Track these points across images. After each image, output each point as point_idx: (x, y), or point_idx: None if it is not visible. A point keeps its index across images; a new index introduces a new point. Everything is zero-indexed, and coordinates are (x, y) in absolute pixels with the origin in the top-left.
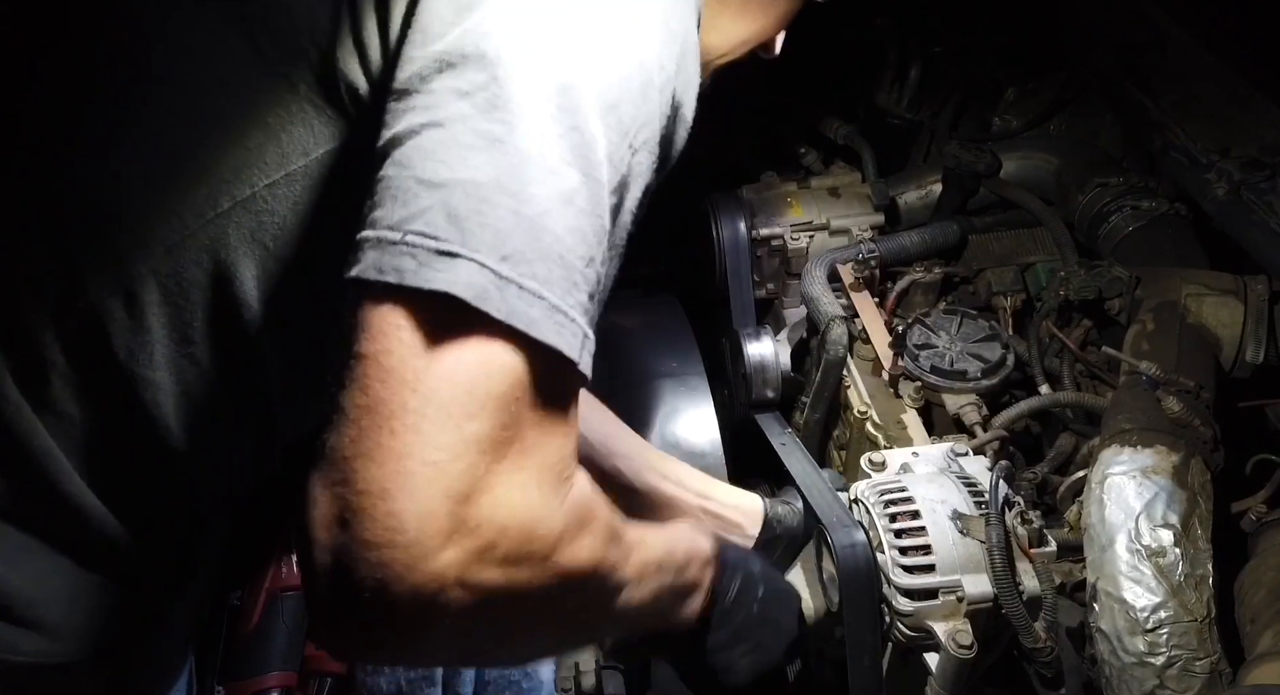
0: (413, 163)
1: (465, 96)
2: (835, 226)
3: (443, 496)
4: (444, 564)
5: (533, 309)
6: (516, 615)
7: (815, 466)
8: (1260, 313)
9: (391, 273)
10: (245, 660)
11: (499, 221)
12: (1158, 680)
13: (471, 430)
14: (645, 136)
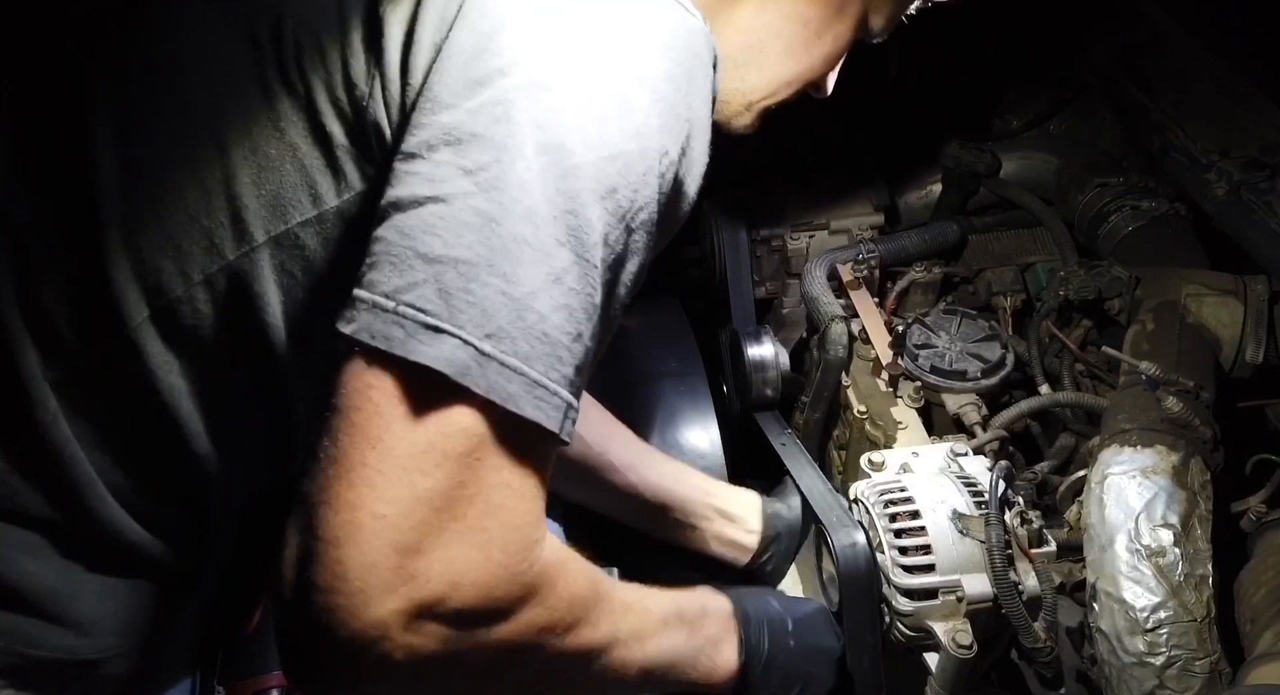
0: (412, 233)
1: (469, 175)
2: (835, 226)
3: (388, 549)
4: (385, 612)
5: (511, 384)
6: (487, 669)
7: (815, 467)
8: (1260, 313)
9: (381, 339)
10: (245, 660)
11: (486, 301)
12: (1157, 680)
13: (424, 488)
14: (643, 218)
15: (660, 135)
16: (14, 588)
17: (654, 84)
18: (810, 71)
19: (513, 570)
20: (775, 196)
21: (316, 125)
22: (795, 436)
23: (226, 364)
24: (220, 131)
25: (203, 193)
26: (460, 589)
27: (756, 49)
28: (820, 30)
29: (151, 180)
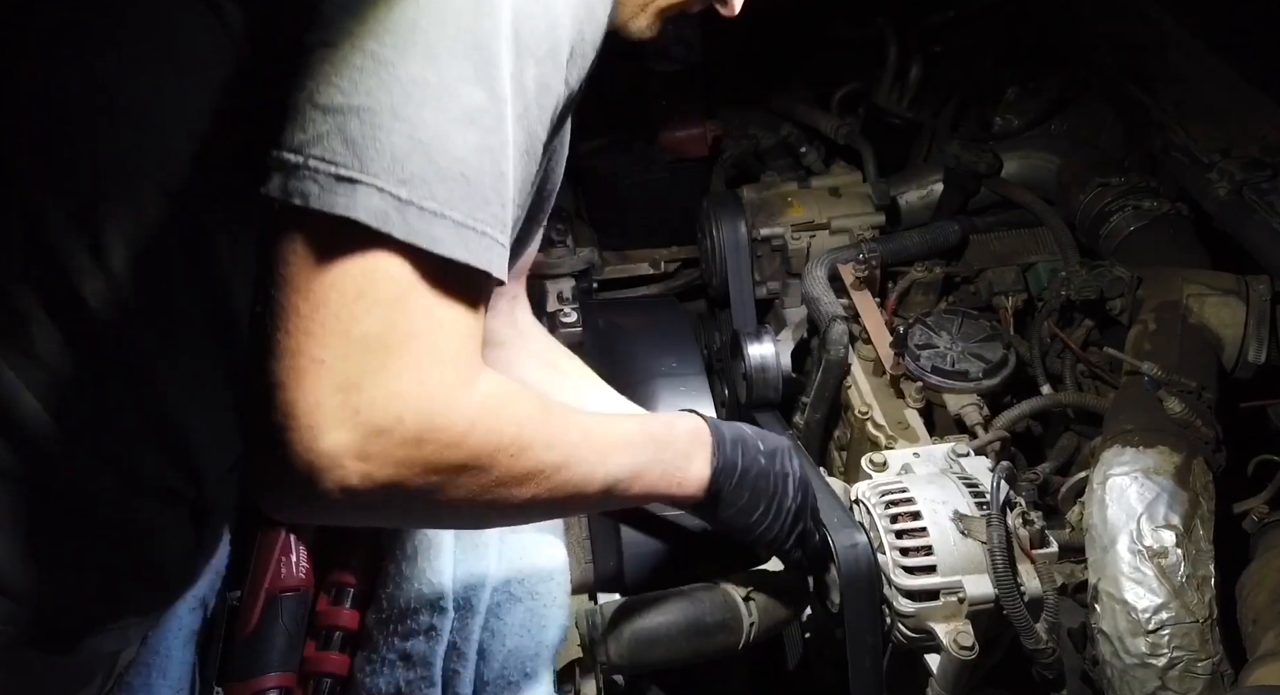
0: (306, 83)
1: (357, 17)
2: (836, 226)
3: (330, 388)
4: (334, 444)
5: (434, 228)
6: (441, 491)
7: (816, 468)
8: (1262, 313)
9: (298, 196)
10: (244, 661)
11: (395, 147)
12: (1160, 681)
13: (359, 331)
14: (552, 50)
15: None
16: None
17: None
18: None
19: (452, 401)
20: (775, 196)
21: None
22: (796, 437)
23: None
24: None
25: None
26: (403, 420)
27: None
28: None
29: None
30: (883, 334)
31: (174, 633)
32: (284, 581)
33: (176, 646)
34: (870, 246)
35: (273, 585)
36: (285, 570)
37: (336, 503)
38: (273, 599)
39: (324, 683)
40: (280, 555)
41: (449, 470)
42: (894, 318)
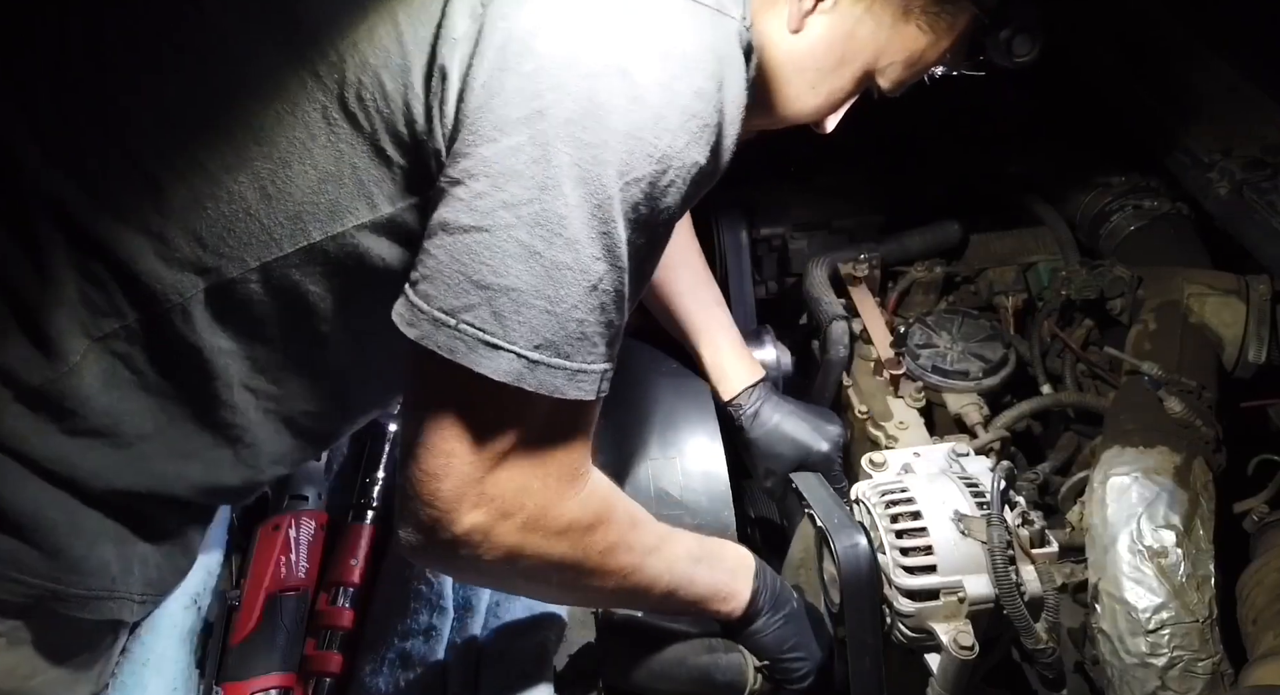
0: (463, 259)
1: (511, 209)
2: (836, 226)
3: (470, 481)
4: (471, 522)
5: (556, 379)
6: (551, 566)
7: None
8: (1262, 312)
9: (446, 350)
10: (244, 660)
11: (533, 320)
12: (1160, 681)
13: (496, 445)
14: (665, 217)
15: (688, 149)
16: (21, 511)
17: (683, 102)
18: (804, 115)
19: (565, 494)
20: (775, 196)
21: (378, 149)
22: None
23: (276, 339)
24: (282, 147)
25: (263, 197)
26: (525, 506)
27: (777, 85)
28: (815, 82)
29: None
30: (883, 334)
31: (167, 631)
32: (284, 581)
33: (171, 645)
34: (870, 246)
35: (273, 585)
36: (285, 570)
37: (465, 567)
38: (273, 599)
39: (323, 682)
40: (280, 555)
41: (551, 553)
42: (894, 317)
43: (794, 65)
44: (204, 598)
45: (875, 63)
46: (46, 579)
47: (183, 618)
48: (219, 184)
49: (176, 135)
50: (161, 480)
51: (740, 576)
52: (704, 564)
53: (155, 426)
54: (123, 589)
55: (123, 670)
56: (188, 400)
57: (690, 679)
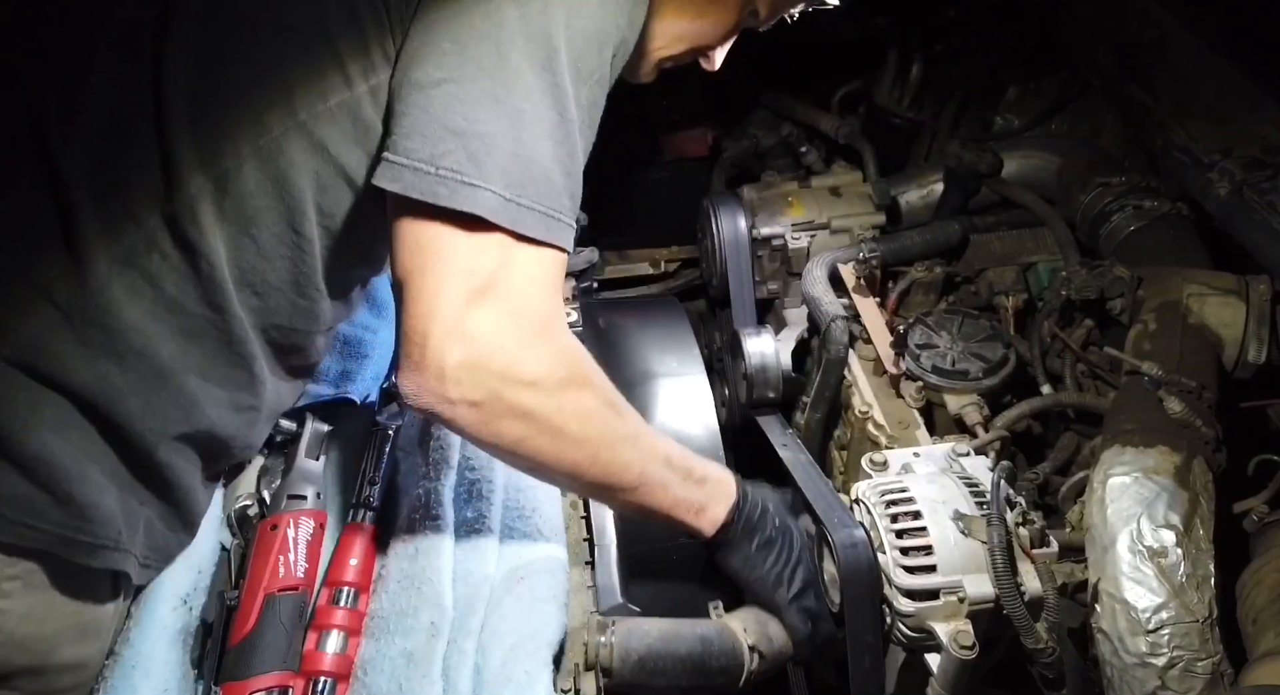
0: (436, 110)
1: (474, 62)
2: (836, 226)
3: (454, 319)
4: (456, 359)
5: (528, 217)
6: (524, 421)
7: (817, 467)
8: (1262, 313)
9: (430, 195)
10: (243, 661)
11: (504, 162)
12: (1159, 681)
13: (475, 283)
14: (599, 76)
15: (614, 15)
16: (33, 456)
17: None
18: (700, 38)
19: (539, 343)
20: (775, 196)
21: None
22: (796, 437)
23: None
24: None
25: (252, 79)
26: (504, 348)
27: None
28: (704, 8)
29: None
30: (883, 334)
31: (155, 632)
32: (282, 581)
33: (160, 647)
34: (870, 246)
35: (271, 585)
36: (284, 570)
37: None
38: (271, 598)
39: (323, 682)
40: (279, 555)
41: (527, 404)
42: (894, 317)
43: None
44: (194, 598)
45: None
46: (56, 525)
47: (171, 619)
48: (210, 72)
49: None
50: (181, 414)
51: (717, 496)
52: (680, 471)
53: (177, 348)
54: (126, 544)
55: (113, 674)
56: (197, 318)
57: (687, 671)
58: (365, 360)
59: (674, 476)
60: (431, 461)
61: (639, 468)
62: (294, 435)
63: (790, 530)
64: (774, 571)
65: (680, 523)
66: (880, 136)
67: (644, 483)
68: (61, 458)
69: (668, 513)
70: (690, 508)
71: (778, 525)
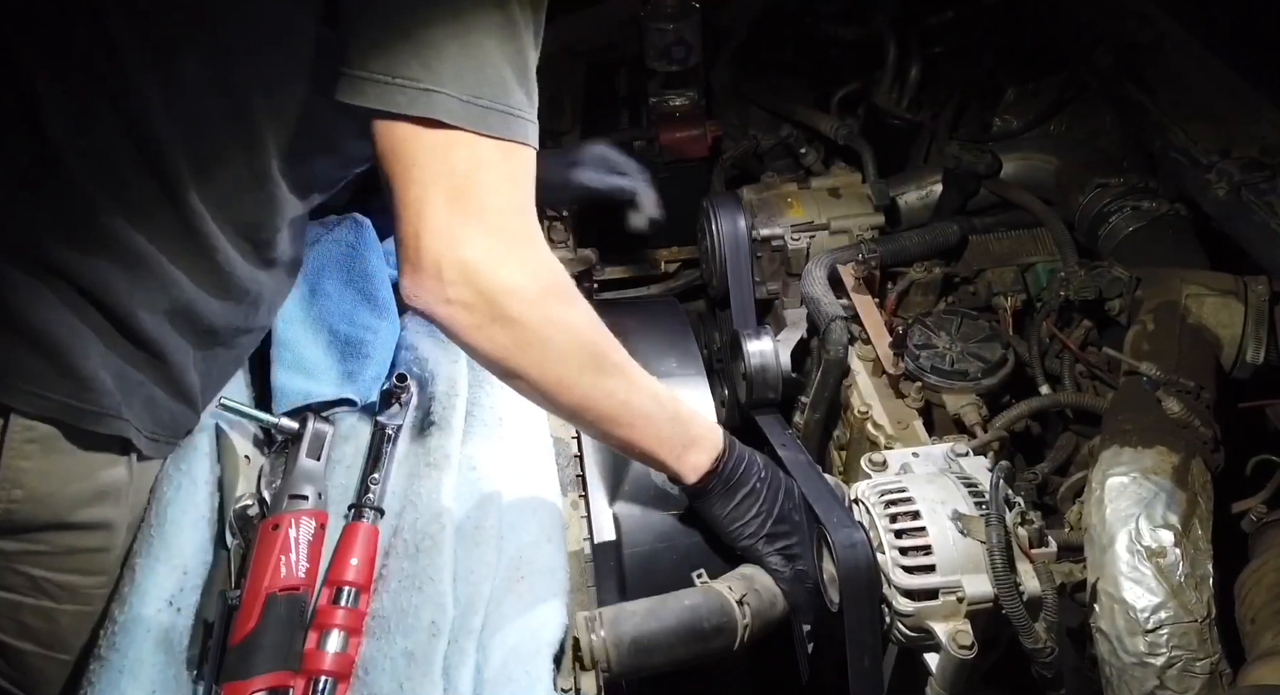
0: (386, 22)
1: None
2: (835, 227)
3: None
4: (451, 259)
5: (488, 116)
6: (510, 329)
7: (817, 468)
8: (1260, 313)
9: (391, 104)
10: (244, 660)
11: (458, 65)
12: (1158, 680)
13: (454, 182)
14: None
15: None
16: (37, 331)
17: None
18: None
19: (523, 248)
20: (775, 197)
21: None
22: (796, 437)
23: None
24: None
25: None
26: (491, 252)
27: None
28: None
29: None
30: (882, 334)
31: (141, 635)
32: (283, 580)
33: (146, 649)
34: (870, 247)
35: (272, 584)
36: (285, 569)
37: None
38: (272, 598)
39: (323, 682)
40: (280, 554)
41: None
42: (893, 318)
43: None
44: (180, 599)
45: None
46: (62, 394)
47: (157, 621)
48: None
49: None
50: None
51: (702, 443)
52: (668, 411)
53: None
54: (126, 414)
55: (99, 679)
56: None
57: (682, 641)
58: (366, 361)
59: (661, 413)
60: (433, 461)
61: (624, 395)
62: (295, 435)
63: (777, 484)
64: (755, 521)
65: (662, 463)
66: (879, 138)
67: (629, 413)
68: (62, 333)
69: (651, 450)
70: (674, 448)
71: (763, 477)
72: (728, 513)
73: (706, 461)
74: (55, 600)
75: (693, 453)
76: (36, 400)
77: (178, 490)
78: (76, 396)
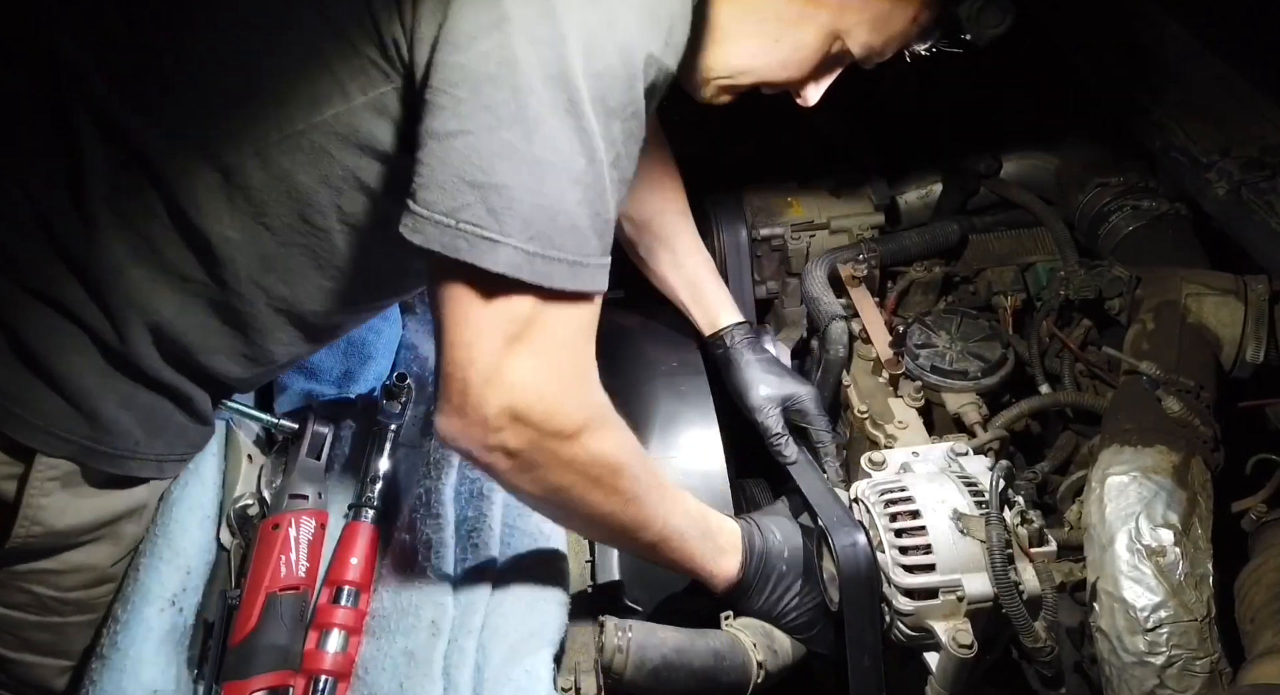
0: (454, 163)
1: (490, 111)
2: (835, 226)
3: (493, 367)
4: (498, 405)
5: (554, 269)
6: (564, 475)
7: (816, 468)
8: (1260, 312)
9: (450, 250)
10: (244, 660)
11: (525, 213)
12: (1158, 680)
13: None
14: (633, 110)
15: (644, 41)
16: (60, 376)
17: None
18: (769, 71)
19: (577, 392)
20: (775, 196)
21: (349, 42)
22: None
23: (280, 231)
24: (264, 36)
25: (249, 84)
26: (543, 399)
27: (716, 32)
28: (778, 36)
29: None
30: (882, 333)
31: (142, 635)
32: (284, 580)
33: (148, 648)
34: (870, 246)
35: (272, 584)
36: (285, 569)
37: (491, 452)
38: (272, 598)
39: (324, 681)
40: (280, 554)
41: (566, 460)
42: (893, 317)
43: (756, 15)
44: (182, 599)
45: (839, 22)
46: (81, 436)
47: (159, 621)
48: (210, 70)
49: (176, 22)
50: (184, 356)
51: (729, 553)
52: (698, 528)
53: (177, 307)
54: (147, 451)
55: (101, 677)
56: (202, 288)
57: (697, 679)
58: (369, 361)
59: (693, 529)
60: (432, 460)
61: (663, 520)
62: (296, 435)
63: (798, 554)
64: (793, 606)
65: (695, 574)
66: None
67: (667, 533)
68: (84, 378)
69: (684, 565)
70: (705, 563)
71: (785, 555)
72: (762, 606)
73: (734, 567)
74: (61, 615)
75: (722, 562)
76: (57, 443)
77: (184, 488)
78: (96, 439)
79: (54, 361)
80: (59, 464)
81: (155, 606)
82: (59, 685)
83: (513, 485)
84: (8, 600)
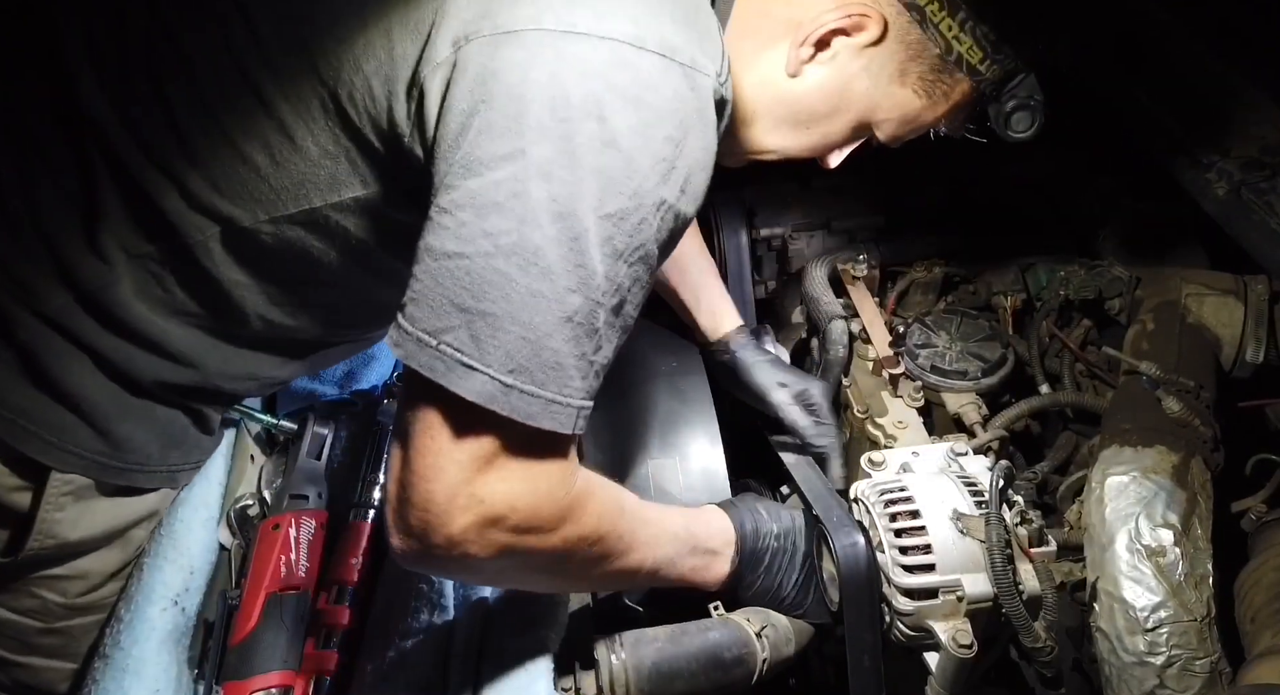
0: (445, 283)
1: (490, 238)
2: (835, 226)
3: (459, 482)
4: (463, 523)
5: (530, 405)
6: (537, 566)
7: (816, 467)
8: (1260, 312)
9: (426, 369)
10: (244, 660)
11: (509, 344)
12: (1158, 680)
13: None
14: (641, 253)
15: (658, 188)
16: (74, 395)
17: (654, 148)
18: (799, 151)
19: (553, 497)
20: (775, 196)
21: (367, 141)
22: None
23: (288, 281)
24: (288, 124)
25: (271, 162)
26: (516, 509)
27: (750, 113)
28: (809, 124)
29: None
30: (882, 333)
31: (146, 634)
32: (284, 580)
33: (150, 648)
34: (870, 246)
35: (273, 584)
36: (285, 569)
37: (456, 568)
38: (273, 598)
39: (323, 682)
40: (280, 554)
41: (542, 550)
42: (893, 317)
43: (789, 106)
44: (185, 599)
45: (870, 116)
46: (94, 452)
47: (162, 620)
48: (234, 145)
49: (202, 94)
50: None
51: (721, 552)
52: (687, 546)
53: (185, 341)
54: (159, 463)
55: (104, 677)
56: (209, 323)
57: (703, 670)
58: (371, 361)
59: (683, 549)
60: None
61: (652, 558)
62: (296, 435)
63: (788, 531)
64: (789, 585)
65: (693, 588)
66: None
67: (657, 566)
68: (97, 398)
69: (680, 583)
70: (699, 572)
71: (776, 534)
72: (757, 591)
73: (727, 565)
74: (68, 618)
75: (715, 565)
76: (72, 459)
77: (190, 488)
78: (109, 455)
79: (67, 383)
80: (73, 479)
81: (158, 606)
82: (62, 688)
83: (491, 583)
84: (15, 606)
